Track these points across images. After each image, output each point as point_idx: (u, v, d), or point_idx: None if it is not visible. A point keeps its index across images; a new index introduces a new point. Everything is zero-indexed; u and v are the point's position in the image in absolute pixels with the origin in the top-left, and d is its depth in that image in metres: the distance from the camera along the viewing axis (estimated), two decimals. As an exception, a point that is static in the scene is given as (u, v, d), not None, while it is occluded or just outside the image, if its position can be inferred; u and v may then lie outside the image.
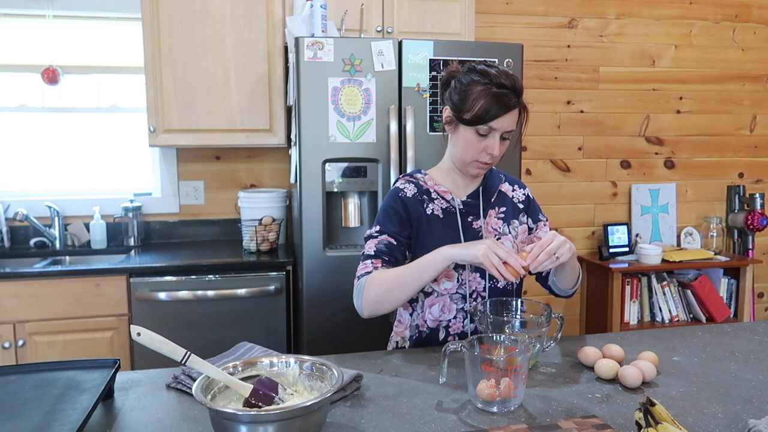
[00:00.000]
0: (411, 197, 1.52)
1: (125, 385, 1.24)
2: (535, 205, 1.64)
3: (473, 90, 1.40)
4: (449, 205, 1.53)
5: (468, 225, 1.53)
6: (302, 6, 2.52)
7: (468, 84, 1.41)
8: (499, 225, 1.55)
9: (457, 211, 1.53)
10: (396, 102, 2.29)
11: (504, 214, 1.57)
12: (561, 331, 1.39)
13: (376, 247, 1.47)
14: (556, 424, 1.04)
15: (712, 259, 3.27)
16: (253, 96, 2.67)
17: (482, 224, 1.53)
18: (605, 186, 3.44)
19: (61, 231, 2.81)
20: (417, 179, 1.56)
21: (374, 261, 1.46)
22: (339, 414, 1.11)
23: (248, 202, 2.74)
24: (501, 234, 1.54)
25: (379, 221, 1.51)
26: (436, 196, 1.53)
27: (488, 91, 1.38)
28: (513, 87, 1.39)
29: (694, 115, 3.51)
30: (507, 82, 1.39)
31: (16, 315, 2.32)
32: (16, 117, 2.90)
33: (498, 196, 1.58)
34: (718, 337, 1.54)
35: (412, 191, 1.53)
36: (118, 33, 2.91)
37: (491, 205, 1.56)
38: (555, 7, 3.26)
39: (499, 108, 1.38)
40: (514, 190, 1.62)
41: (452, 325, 1.52)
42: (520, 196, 1.61)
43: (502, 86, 1.38)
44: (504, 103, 1.38)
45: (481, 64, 1.44)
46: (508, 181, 1.63)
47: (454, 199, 1.53)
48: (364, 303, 1.44)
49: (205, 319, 2.43)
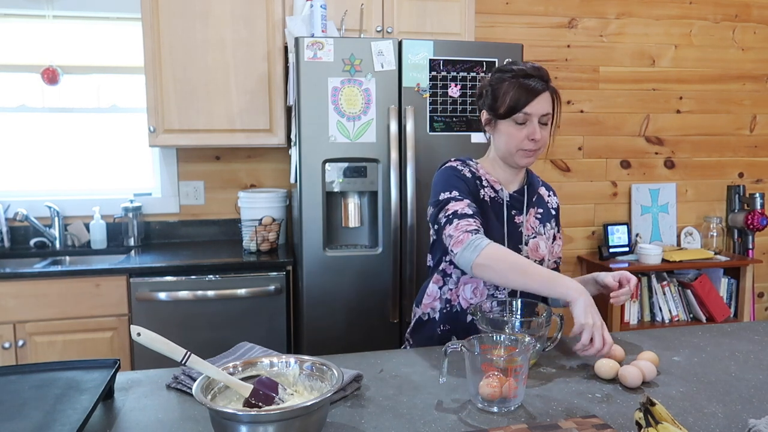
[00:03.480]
0: (470, 177, 1.53)
1: (125, 385, 1.24)
2: (559, 215, 1.71)
3: (502, 86, 1.48)
4: (497, 195, 1.56)
5: (512, 218, 1.56)
6: (302, 6, 2.52)
7: (496, 82, 1.49)
8: (536, 225, 1.60)
9: (504, 203, 1.56)
10: (396, 102, 2.29)
11: (540, 215, 1.62)
12: (561, 331, 1.39)
13: (470, 208, 1.45)
14: (556, 424, 1.04)
15: (712, 259, 3.27)
16: (253, 96, 2.67)
17: (524, 220, 1.57)
18: (605, 186, 3.44)
19: (61, 231, 2.81)
20: (470, 165, 1.57)
21: (473, 221, 1.42)
22: (339, 414, 1.11)
23: (248, 202, 2.74)
24: (537, 233, 1.59)
25: (444, 188, 1.49)
26: (487, 184, 1.56)
27: (516, 82, 1.45)
28: (539, 74, 1.47)
29: (694, 115, 3.51)
30: (531, 71, 1.46)
31: (16, 315, 2.32)
32: (16, 117, 2.90)
33: (538, 198, 1.63)
34: (718, 337, 1.54)
35: (468, 173, 1.54)
36: (118, 33, 2.90)
37: (532, 204, 1.61)
38: (555, 7, 3.26)
39: (528, 94, 1.44)
40: (549, 196, 1.68)
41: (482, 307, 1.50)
42: (553, 203, 1.68)
43: (527, 75, 1.46)
44: (532, 88, 1.44)
45: (507, 64, 1.52)
46: (545, 186, 1.69)
47: (503, 190, 1.57)
48: (479, 260, 1.36)
49: (205, 319, 2.43)
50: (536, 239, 1.57)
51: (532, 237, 1.57)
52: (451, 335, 1.55)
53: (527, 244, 1.56)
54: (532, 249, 1.56)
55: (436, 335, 1.57)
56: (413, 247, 2.28)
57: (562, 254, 1.74)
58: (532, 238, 1.57)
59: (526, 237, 1.56)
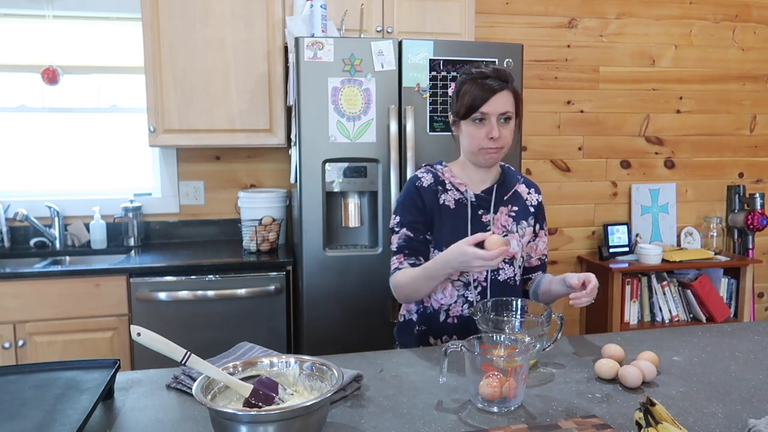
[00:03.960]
0: (426, 187, 1.61)
1: (125, 385, 1.24)
2: (543, 213, 1.72)
3: (462, 88, 1.54)
4: (462, 197, 1.61)
5: (478, 218, 1.60)
6: (302, 6, 2.52)
7: (458, 86, 1.56)
8: (509, 223, 1.62)
9: (469, 203, 1.60)
10: (396, 102, 2.29)
11: (515, 213, 1.64)
12: (561, 331, 1.39)
13: (398, 243, 1.62)
14: (556, 424, 1.04)
15: (712, 259, 3.27)
16: (253, 96, 2.67)
17: (491, 219, 1.61)
18: (605, 186, 3.44)
19: (61, 231, 2.81)
20: (436, 170, 1.65)
21: (398, 257, 1.61)
22: (339, 414, 1.11)
23: (248, 202, 2.74)
24: (509, 231, 1.62)
25: (397, 212, 1.64)
26: (451, 187, 1.62)
27: (473, 83, 1.51)
28: (495, 74, 1.51)
29: (694, 115, 3.51)
30: (490, 72, 1.51)
31: (16, 315, 2.32)
32: (16, 117, 2.89)
33: (512, 195, 1.65)
34: (718, 337, 1.54)
35: (428, 181, 1.62)
36: (118, 33, 2.90)
37: (504, 203, 1.63)
38: (555, 7, 3.26)
39: (485, 93, 1.49)
40: (529, 193, 1.69)
41: (452, 309, 1.59)
42: (533, 200, 1.69)
43: (484, 76, 1.51)
44: (489, 88, 1.49)
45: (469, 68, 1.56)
46: (525, 183, 1.71)
47: (468, 191, 1.61)
48: (398, 297, 1.62)
49: (205, 319, 2.43)
50: (507, 238, 1.59)
51: (503, 236, 1.59)
52: (427, 335, 1.63)
53: None
54: None
55: (414, 335, 1.66)
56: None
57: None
58: (503, 236, 1.58)
59: None
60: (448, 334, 1.60)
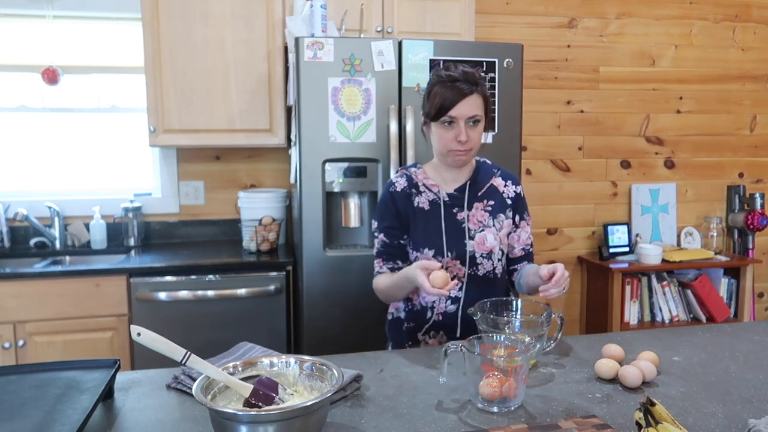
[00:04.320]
0: (400, 191, 1.66)
1: (125, 385, 1.24)
2: (524, 203, 1.72)
3: (432, 91, 1.56)
4: (435, 197, 1.64)
5: (452, 216, 1.63)
6: (302, 6, 2.52)
7: (428, 87, 1.59)
8: (485, 217, 1.64)
9: (442, 203, 1.63)
10: (396, 102, 2.29)
11: (491, 207, 1.66)
12: (561, 331, 1.39)
13: (377, 248, 1.68)
14: (556, 424, 1.04)
15: (712, 259, 3.27)
16: (253, 96, 2.67)
17: (466, 216, 1.63)
18: (605, 186, 3.44)
19: (61, 231, 2.81)
20: (409, 173, 1.69)
21: (378, 261, 1.68)
22: (339, 414, 1.11)
23: (248, 202, 2.74)
24: (485, 226, 1.64)
25: (375, 217, 1.69)
26: (424, 189, 1.65)
27: (442, 86, 1.53)
28: (464, 78, 1.53)
29: (694, 115, 3.51)
30: (459, 75, 1.53)
31: (16, 315, 2.32)
32: (16, 117, 2.89)
33: (487, 190, 1.67)
34: (718, 337, 1.54)
35: (402, 185, 1.66)
36: (118, 33, 2.90)
37: (479, 198, 1.65)
38: (555, 7, 3.26)
39: (453, 97, 1.51)
40: (506, 185, 1.70)
41: (436, 306, 1.63)
42: (510, 192, 1.69)
43: (453, 79, 1.53)
44: (456, 91, 1.51)
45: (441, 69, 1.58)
46: (502, 176, 1.71)
47: (441, 191, 1.64)
48: (380, 299, 1.70)
49: (205, 319, 2.43)
50: (483, 233, 1.62)
51: (479, 231, 1.62)
52: (415, 332, 1.67)
53: (473, 238, 1.62)
54: (478, 243, 1.62)
55: (404, 332, 1.70)
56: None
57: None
58: (479, 232, 1.62)
59: (473, 231, 1.62)
60: (435, 330, 1.64)
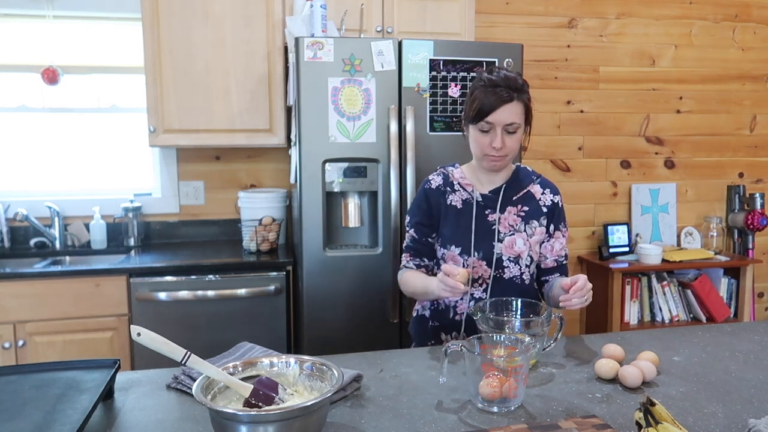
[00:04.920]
0: (434, 189, 1.68)
1: (125, 385, 1.24)
2: (561, 213, 1.71)
3: (473, 93, 1.55)
4: (469, 196, 1.65)
5: (483, 217, 1.63)
6: (302, 6, 2.52)
7: (471, 90, 1.58)
8: (517, 222, 1.64)
9: (475, 202, 1.64)
10: (396, 102, 2.29)
11: (525, 213, 1.65)
12: (561, 331, 1.39)
13: (406, 242, 1.72)
14: (556, 424, 1.04)
15: (712, 259, 3.26)
16: (253, 96, 2.67)
17: (497, 218, 1.62)
18: (605, 186, 3.44)
19: (61, 231, 2.81)
20: (447, 171, 1.71)
21: (406, 255, 1.72)
22: (339, 414, 1.11)
23: (248, 202, 2.74)
24: (516, 231, 1.63)
25: (409, 212, 1.74)
26: (459, 188, 1.67)
27: (483, 91, 1.52)
28: (506, 83, 1.51)
29: (694, 115, 3.51)
30: (500, 80, 1.51)
31: (16, 315, 2.32)
32: (16, 117, 2.89)
33: (524, 196, 1.66)
34: (718, 337, 1.54)
35: (437, 183, 1.69)
36: (118, 33, 2.90)
37: (513, 203, 1.65)
38: (555, 7, 3.26)
39: (492, 103, 1.50)
40: (543, 193, 1.69)
41: (458, 306, 1.64)
42: (547, 201, 1.68)
43: (495, 84, 1.51)
44: (497, 98, 1.50)
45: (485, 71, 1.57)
46: (541, 184, 1.71)
47: (474, 191, 1.65)
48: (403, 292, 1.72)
49: (205, 319, 2.43)
50: (513, 236, 1.61)
51: (508, 234, 1.62)
52: (440, 331, 1.68)
53: (502, 241, 1.61)
54: (506, 246, 1.61)
55: (428, 330, 1.71)
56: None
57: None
58: (509, 235, 1.61)
59: (502, 234, 1.61)
60: (457, 330, 1.64)
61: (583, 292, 1.38)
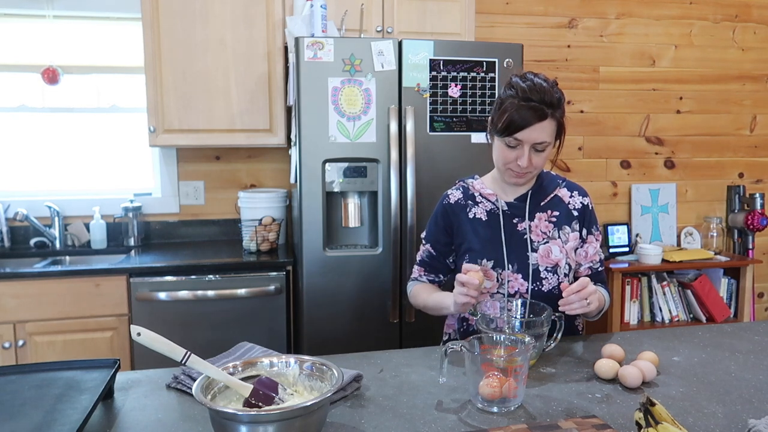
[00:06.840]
0: (454, 203, 1.61)
1: (125, 385, 1.24)
2: (592, 215, 1.61)
3: (505, 103, 1.43)
4: (494, 206, 1.57)
5: (512, 226, 1.55)
6: (302, 6, 2.52)
7: (502, 98, 1.46)
8: (549, 229, 1.55)
9: (501, 212, 1.56)
10: (396, 102, 2.29)
11: (556, 218, 1.56)
12: (561, 331, 1.39)
13: (421, 256, 1.68)
14: (556, 424, 1.04)
15: (712, 259, 3.26)
16: (253, 96, 2.67)
17: (527, 226, 1.54)
18: (605, 186, 3.44)
19: (61, 231, 2.81)
20: (466, 184, 1.63)
21: (419, 269, 1.69)
22: (339, 414, 1.11)
23: (248, 202, 2.74)
24: (549, 238, 1.53)
25: (427, 226, 1.68)
26: (481, 199, 1.59)
27: (515, 105, 1.40)
28: (542, 100, 1.40)
29: (694, 115, 3.51)
30: (535, 96, 1.39)
31: (16, 315, 2.32)
32: (16, 117, 2.89)
33: (552, 201, 1.57)
34: (718, 337, 1.54)
35: (456, 197, 1.62)
36: (118, 33, 2.90)
37: (541, 209, 1.56)
38: (555, 7, 3.26)
39: (523, 120, 1.40)
40: (572, 197, 1.59)
41: None
42: (577, 203, 1.59)
43: (529, 99, 1.40)
44: (529, 115, 1.39)
45: (518, 77, 1.45)
46: (567, 187, 1.61)
47: (499, 200, 1.57)
48: (412, 304, 1.68)
49: (205, 319, 2.43)
50: (548, 245, 1.52)
51: (543, 243, 1.52)
52: None
53: (536, 251, 1.52)
54: (542, 255, 1.52)
55: None
56: (413, 247, 2.28)
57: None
58: (543, 243, 1.52)
59: (536, 243, 1.52)
60: None
61: (582, 295, 1.30)
